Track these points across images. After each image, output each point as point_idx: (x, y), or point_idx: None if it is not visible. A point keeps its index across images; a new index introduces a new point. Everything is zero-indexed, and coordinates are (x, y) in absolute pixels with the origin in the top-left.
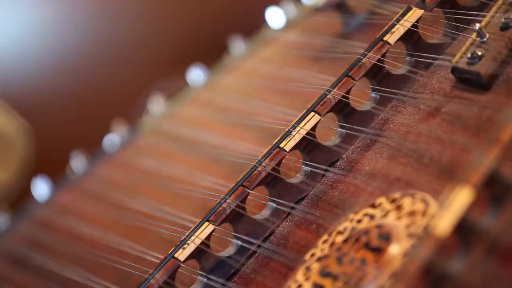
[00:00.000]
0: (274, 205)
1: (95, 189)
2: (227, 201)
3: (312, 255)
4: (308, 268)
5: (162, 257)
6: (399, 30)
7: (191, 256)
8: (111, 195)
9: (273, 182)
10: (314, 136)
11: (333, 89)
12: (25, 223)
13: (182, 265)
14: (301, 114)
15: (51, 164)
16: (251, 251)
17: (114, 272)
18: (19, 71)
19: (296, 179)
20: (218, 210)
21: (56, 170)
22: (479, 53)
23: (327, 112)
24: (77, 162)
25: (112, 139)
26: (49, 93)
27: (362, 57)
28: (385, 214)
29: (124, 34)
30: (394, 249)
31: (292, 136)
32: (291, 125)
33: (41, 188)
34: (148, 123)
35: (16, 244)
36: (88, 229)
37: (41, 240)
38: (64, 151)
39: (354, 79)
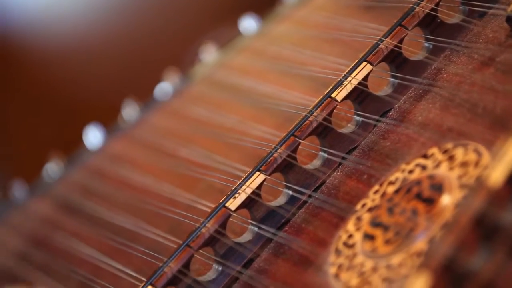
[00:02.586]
0: (325, 155)
1: (147, 138)
2: (278, 150)
3: (363, 205)
4: (359, 218)
5: (213, 206)
6: None
7: (242, 205)
8: (162, 144)
9: (324, 132)
10: (366, 86)
11: (385, 38)
12: (77, 171)
13: (233, 214)
14: (353, 64)
15: (103, 112)
16: (301, 201)
17: (166, 220)
18: (73, 20)
19: (348, 129)
20: (269, 160)
21: (108, 118)
22: None
23: (379, 61)
24: (129, 111)
25: (164, 88)
26: (102, 41)
27: (415, 6)
28: (437, 165)
29: None
30: (446, 200)
31: (343, 86)
32: (342, 75)
33: (93, 136)
34: (200, 72)
35: (69, 192)
36: (139, 178)
37: (93, 188)
38: (116, 99)
39: (407, 29)
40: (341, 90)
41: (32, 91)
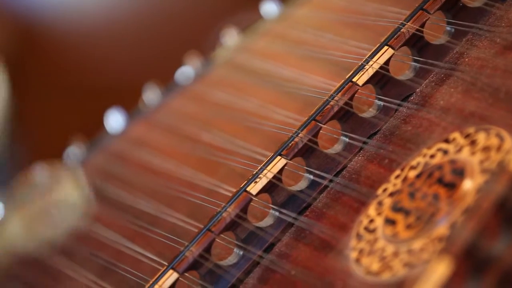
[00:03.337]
0: (347, 139)
1: (168, 122)
2: (299, 135)
3: (385, 190)
4: (380, 203)
5: (235, 190)
6: None
7: (263, 190)
8: (184, 128)
9: (345, 116)
10: (388, 70)
11: (407, 22)
12: (99, 155)
13: (254, 198)
14: (375, 48)
15: (124, 96)
16: (323, 185)
17: (187, 204)
18: (94, 4)
19: (369, 113)
20: (290, 144)
21: (130, 102)
22: None
23: (401, 45)
24: (151, 95)
25: (186, 72)
26: (124, 25)
27: None
28: (459, 149)
29: None
30: (468, 185)
31: (365, 70)
32: (364, 59)
33: (114, 120)
34: (221, 56)
35: (90, 176)
36: (161, 162)
37: (114, 172)
38: (137, 83)
39: (428, 12)
40: (363, 74)
41: (54, 75)
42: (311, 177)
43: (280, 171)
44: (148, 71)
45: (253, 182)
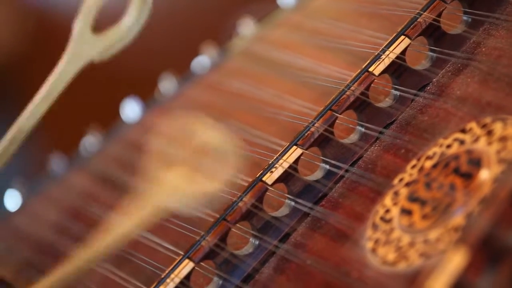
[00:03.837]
0: (363, 129)
1: (184, 111)
2: (315, 125)
3: (401, 180)
4: (396, 193)
5: (250, 180)
6: None
7: (279, 179)
8: (200, 117)
9: (361, 106)
10: (404, 60)
11: (424, 12)
12: (115, 144)
13: (270, 188)
14: (391, 38)
15: (140, 85)
16: (339, 175)
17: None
18: None
19: (385, 103)
20: (306, 134)
21: (146, 92)
22: None
23: (418, 35)
24: (167, 84)
25: (202, 61)
26: None
27: None
28: (476, 139)
29: None
30: (484, 175)
31: (381, 60)
32: (380, 49)
33: (131, 110)
34: (237, 46)
35: (106, 165)
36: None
37: (130, 161)
38: (154, 72)
39: (445, 2)
40: (379, 64)
41: None
42: (327, 167)
43: (296, 161)
44: (164, 61)
45: (269, 172)
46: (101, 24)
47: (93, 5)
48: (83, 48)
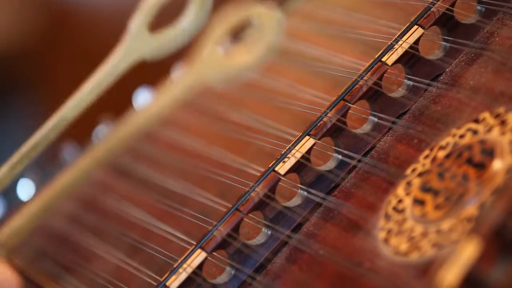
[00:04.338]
0: (375, 119)
1: (197, 101)
2: (328, 115)
3: (413, 170)
4: (409, 183)
5: (263, 170)
6: None
7: (292, 169)
8: (213, 107)
9: (374, 96)
10: (417, 50)
11: (437, 1)
12: None
13: (282, 178)
14: (404, 27)
15: (153, 75)
16: (351, 165)
17: (215, 184)
18: None
19: (398, 93)
20: (318, 124)
21: (158, 81)
22: None
23: (431, 25)
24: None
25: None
26: None
27: None
28: (489, 129)
29: None
30: (497, 165)
31: (394, 49)
32: (393, 39)
33: (143, 99)
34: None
35: (119, 154)
36: (190, 141)
37: (143, 151)
38: (167, 62)
39: None
40: (392, 53)
41: (83, 54)
42: (340, 157)
43: (309, 151)
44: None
45: (281, 162)
46: (159, 23)
47: (154, 4)
48: (137, 44)
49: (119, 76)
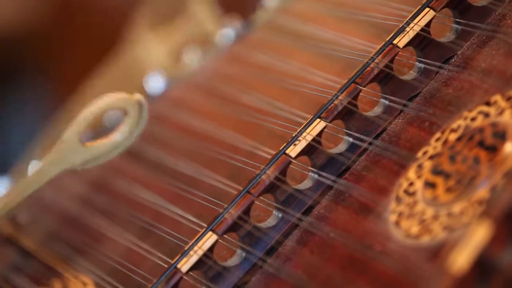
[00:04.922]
0: (387, 102)
1: (208, 84)
2: (339, 97)
3: (425, 153)
4: (420, 166)
5: (274, 152)
6: None
7: (302, 152)
8: (224, 90)
9: (385, 79)
10: (429, 32)
11: None
12: None
13: (293, 161)
14: (416, 10)
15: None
16: (362, 148)
17: (226, 167)
18: None
19: (409, 76)
20: (329, 107)
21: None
22: None
23: (443, 7)
24: (191, 56)
25: (226, 33)
26: None
27: None
28: (500, 112)
29: None
30: (509, 148)
31: (406, 32)
32: (405, 21)
33: (155, 82)
34: (261, 18)
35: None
36: (201, 124)
37: (154, 133)
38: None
39: None
40: (403, 36)
41: (91, 35)
42: (351, 139)
43: (320, 133)
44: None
45: (292, 145)
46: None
47: (88, 116)
48: (68, 154)
49: (45, 183)
